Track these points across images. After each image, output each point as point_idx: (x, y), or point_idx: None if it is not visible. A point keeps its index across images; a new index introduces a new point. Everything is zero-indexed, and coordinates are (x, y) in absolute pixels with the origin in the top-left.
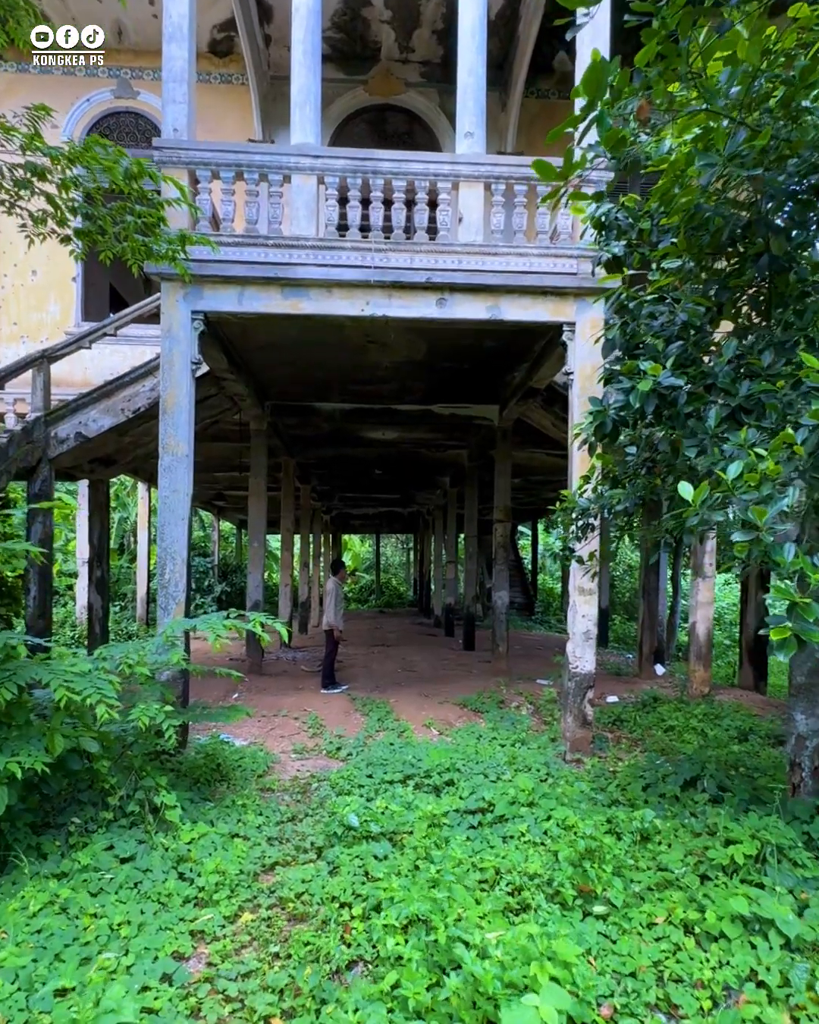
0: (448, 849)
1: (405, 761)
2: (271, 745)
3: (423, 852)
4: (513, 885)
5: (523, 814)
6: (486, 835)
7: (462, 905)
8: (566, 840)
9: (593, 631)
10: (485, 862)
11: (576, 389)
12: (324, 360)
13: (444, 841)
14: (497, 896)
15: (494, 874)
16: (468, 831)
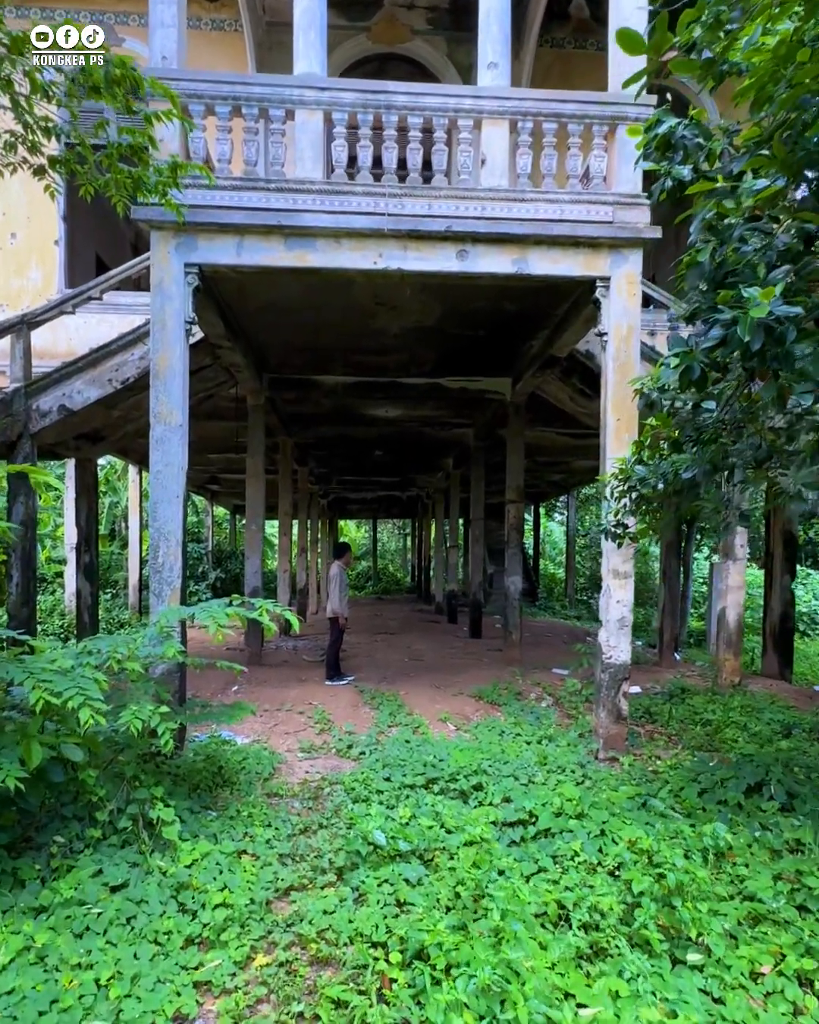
0: (493, 871)
1: (425, 762)
2: (276, 743)
3: (467, 880)
4: (581, 922)
5: (572, 828)
6: (532, 853)
7: (529, 955)
8: (639, 867)
9: (629, 618)
10: (544, 894)
11: (611, 351)
12: (328, 325)
13: (487, 863)
14: (566, 941)
15: (556, 908)
16: (509, 848)
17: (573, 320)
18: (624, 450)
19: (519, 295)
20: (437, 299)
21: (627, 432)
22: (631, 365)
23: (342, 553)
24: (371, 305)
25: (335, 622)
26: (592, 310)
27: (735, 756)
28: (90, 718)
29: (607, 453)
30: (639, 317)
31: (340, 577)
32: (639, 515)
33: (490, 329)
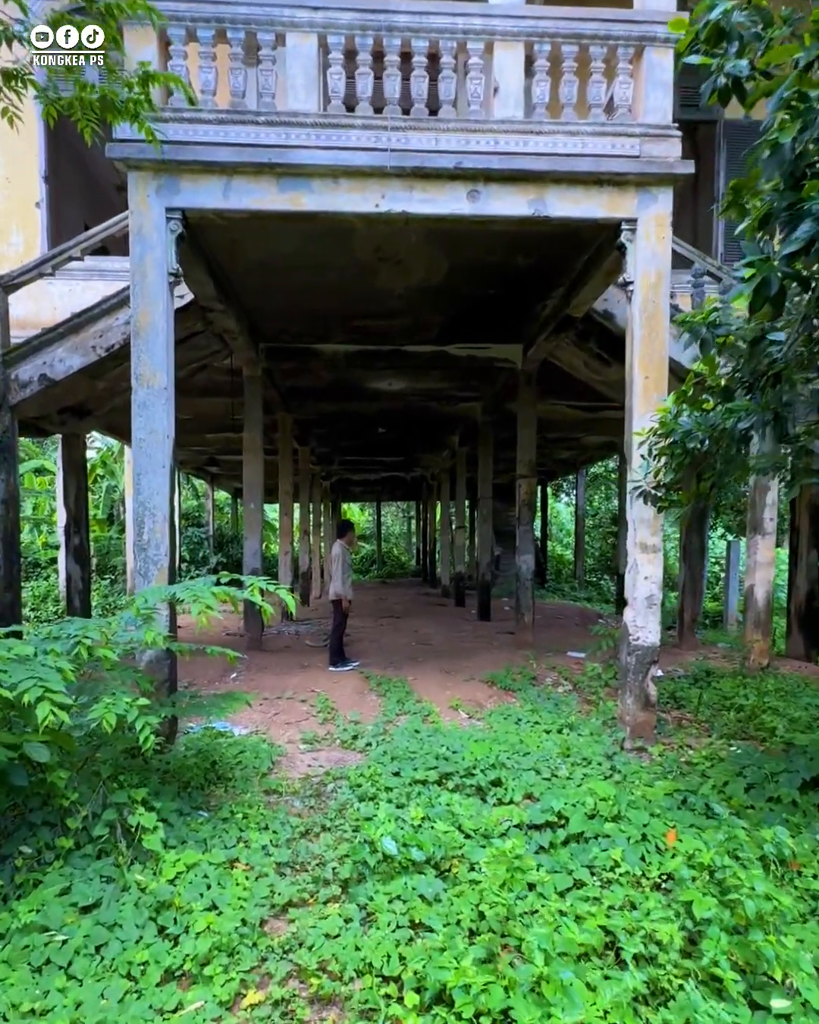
0: (523, 887)
1: (437, 754)
2: (276, 734)
3: (494, 901)
4: (635, 954)
5: (608, 831)
6: (564, 862)
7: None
8: (699, 884)
9: (658, 595)
10: (586, 918)
11: (638, 302)
12: (327, 286)
13: (520, 883)
14: (621, 981)
15: (602, 935)
16: (537, 855)
17: (592, 274)
18: (653, 408)
19: (534, 246)
20: (444, 252)
21: (656, 391)
22: (660, 317)
23: (345, 532)
24: (373, 260)
25: (338, 605)
26: (614, 262)
27: (775, 745)
28: (50, 714)
29: (634, 415)
30: (669, 264)
31: (343, 557)
32: (680, 475)
33: (501, 287)
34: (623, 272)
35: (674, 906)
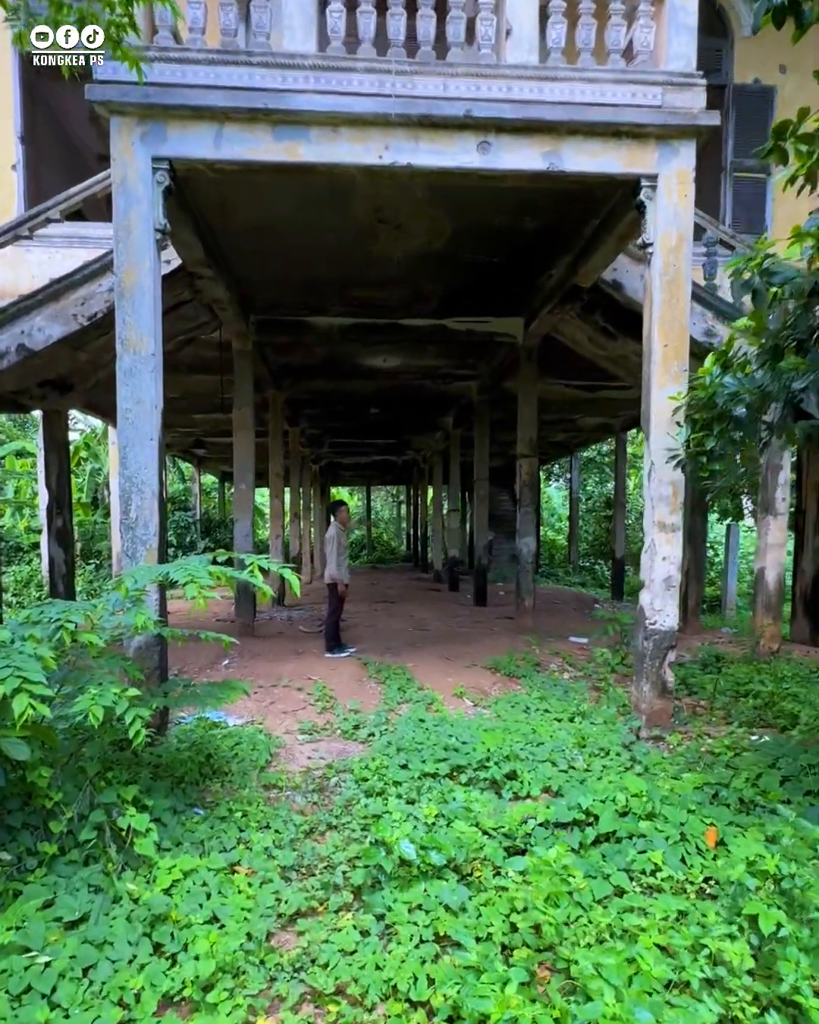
0: (561, 897)
1: (446, 745)
2: (272, 724)
3: (538, 918)
4: (702, 979)
5: (643, 831)
6: (598, 865)
7: None
8: (763, 895)
9: (676, 577)
10: (638, 934)
11: (657, 265)
12: (323, 252)
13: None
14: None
15: (657, 954)
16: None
17: (604, 239)
18: (673, 381)
19: (543, 207)
20: (448, 214)
21: (676, 360)
22: (681, 281)
23: (338, 511)
24: (372, 223)
25: (334, 589)
26: (628, 225)
27: (801, 734)
28: (28, 707)
29: (652, 386)
30: (691, 224)
31: (338, 539)
32: (720, 442)
33: (506, 254)
34: (641, 233)
35: (735, 919)
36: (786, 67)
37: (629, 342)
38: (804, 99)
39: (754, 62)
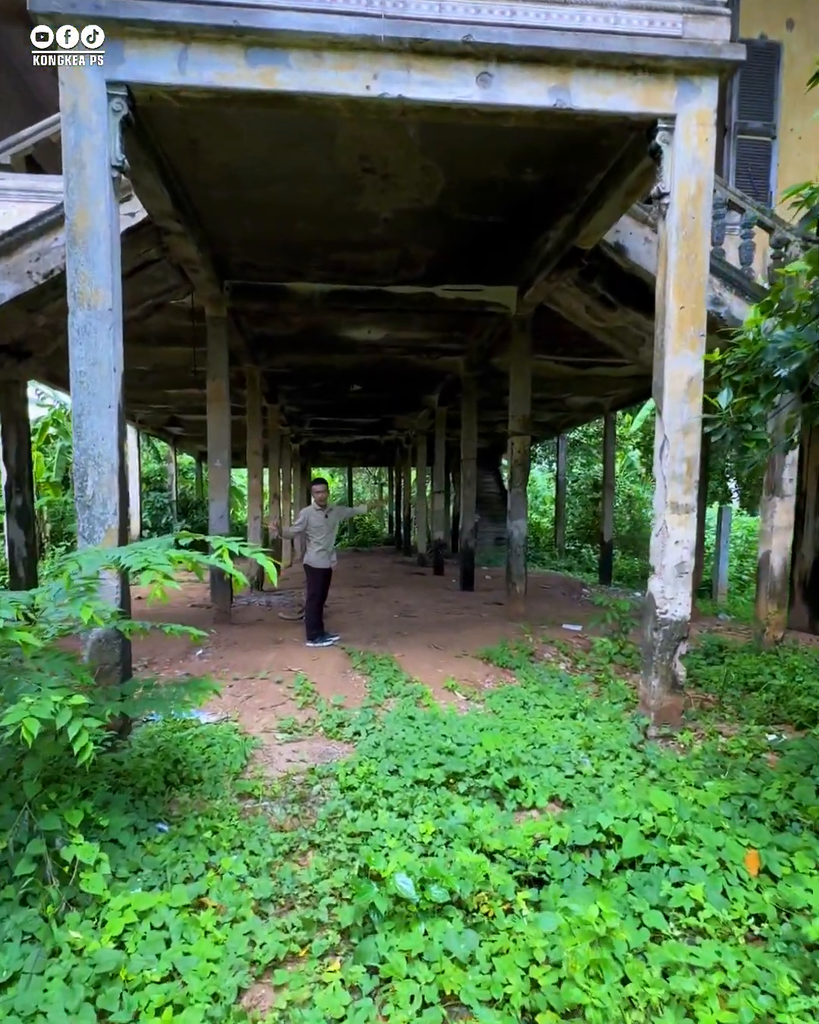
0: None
1: (439, 747)
2: (249, 721)
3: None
4: None
5: (674, 855)
6: (626, 901)
7: None
8: None
9: (690, 563)
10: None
11: (674, 218)
12: (303, 206)
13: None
14: None
15: None
16: (584, 887)
17: (610, 194)
18: (689, 348)
19: (546, 157)
20: (441, 162)
21: (693, 324)
22: (700, 236)
23: (313, 489)
24: (357, 172)
25: (312, 573)
26: (636, 179)
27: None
28: None
29: (666, 353)
30: (712, 173)
31: (309, 520)
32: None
33: (502, 213)
34: (657, 182)
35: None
36: (794, 22)
37: (629, 312)
38: (811, 57)
39: (760, 17)
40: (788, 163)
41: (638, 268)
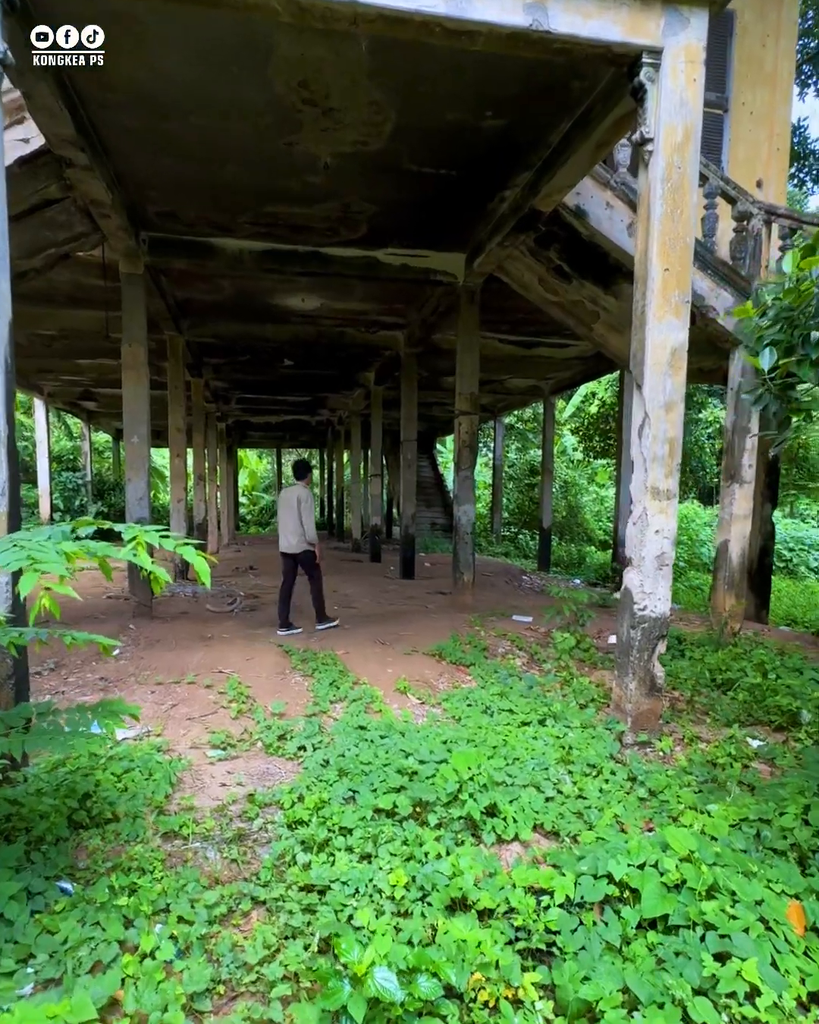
0: None
1: (400, 765)
2: (174, 736)
3: None
4: None
5: (707, 915)
6: (659, 982)
7: None
8: None
9: (670, 554)
10: None
11: (658, 169)
12: (232, 144)
13: None
14: None
15: None
16: (606, 960)
17: (578, 145)
18: (673, 314)
19: (510, 99)
20: (392, 97)
21: (678, 288)
22: (687, 189)
23: (304, 474)
24: (295, 103)
25: (313, 557)
26: (608, 130)
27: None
28: None
29: (648, 320)
30: (700, 118)
31: (310, 501)
32: None
33: (457, 166)
34: (640, 126)
35: None
36: None
37: (586, 284)
38: (765, 28)
39: None
40: (740, 138)
41: (598, 235)
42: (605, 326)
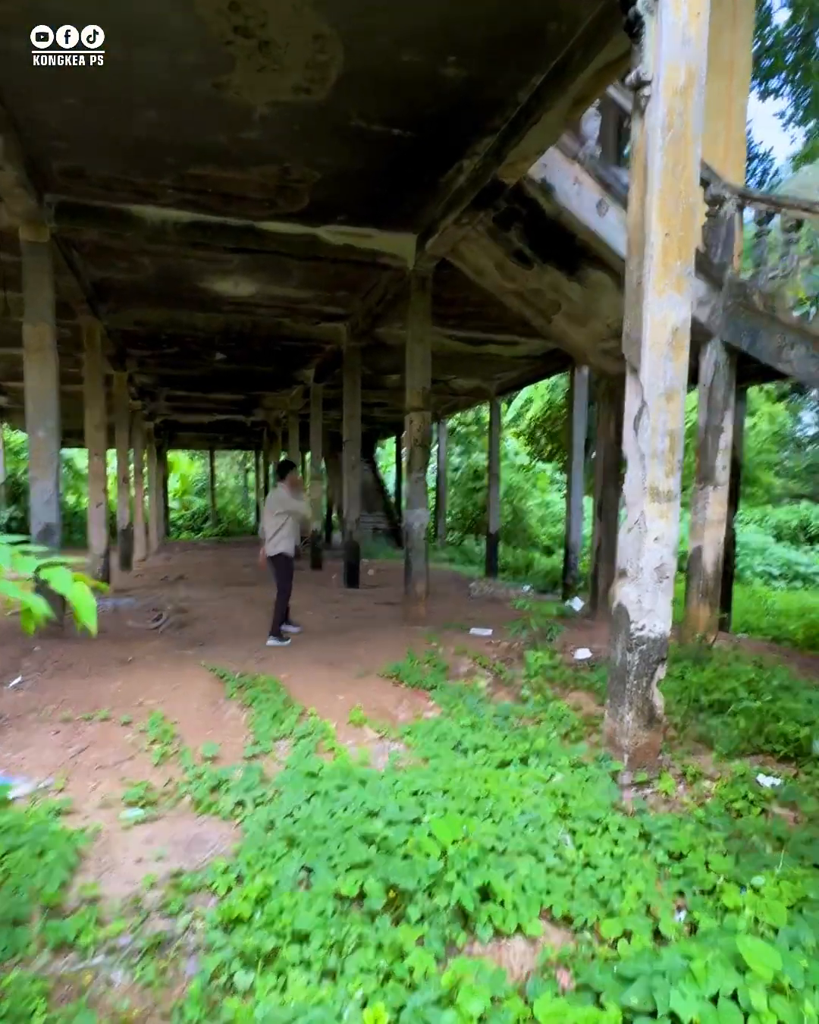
0: None
1: (364, 831)
2: (81, 791)
3: None
4: None
5: None
6: None
7: None
8: None
9: (671, 565)
10: None
11: (658, 115)
12: (150, 86)
13: None
14: None
15: None
16: None
17: (551, 103)
18: (673, 288)
19: (476, 44)
20: (341, 31)
21: (679, 256)
22: (690, 140)
23: (286, 472)
24: (225, 31)
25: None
26: (587, 82)
27: None
28: None
29: (646, 293)
30: (705, 59)
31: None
32: None
33: (412, 124)
34: (636, 65)
35: None
36: None
37: (548, 270)
38: (721, 16)
39: None
40: None
41: (565, 213)
42: (566, 318)
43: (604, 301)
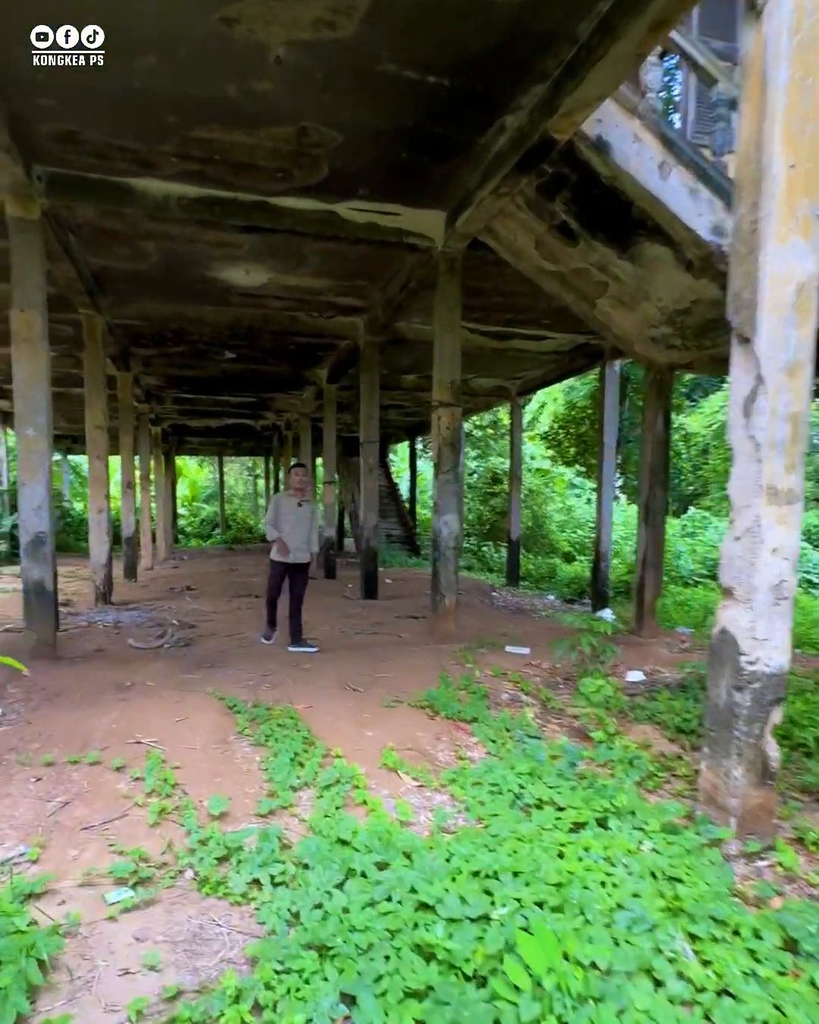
0: None
1: (416, 937)
2: (59, 861)
3: None
4: None
5: None
6: None
7: None
8: None
9: (792, 583)
10: None
11: (784, 13)
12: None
13: None
14: None
15: None
16: None
17: (625, 31)
18: (800, 233)
19: None
20: None
21: (808, 195)
22: None
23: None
24: None
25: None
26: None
27: None
28: None
29: (764, 242)
30: None
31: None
32: None
33: (451, 69)
34: None
35: None
36: None
37: (596, 246)
38: None
39: None
40: None
41: (623, 176)
42: (612, 301)
43: (659, 280)
